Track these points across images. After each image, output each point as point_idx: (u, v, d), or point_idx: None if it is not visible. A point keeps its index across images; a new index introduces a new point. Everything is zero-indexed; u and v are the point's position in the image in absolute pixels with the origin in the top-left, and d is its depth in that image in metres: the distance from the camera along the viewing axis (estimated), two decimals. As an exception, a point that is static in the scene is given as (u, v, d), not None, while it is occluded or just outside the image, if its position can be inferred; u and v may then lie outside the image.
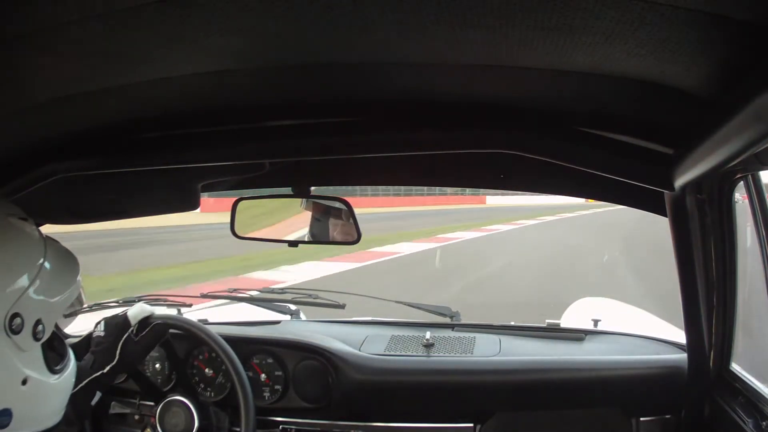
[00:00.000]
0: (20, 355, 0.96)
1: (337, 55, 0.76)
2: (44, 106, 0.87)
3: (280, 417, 1.67)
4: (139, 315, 1.48)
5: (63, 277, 1.06)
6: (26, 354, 0.97)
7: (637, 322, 2.53)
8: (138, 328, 1.47)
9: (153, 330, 1.49)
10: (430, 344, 1.70)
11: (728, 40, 0.60)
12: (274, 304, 2.00)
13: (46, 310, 1.00)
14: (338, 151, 1.12)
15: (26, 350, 0.97)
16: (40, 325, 0.98)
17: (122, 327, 1.45)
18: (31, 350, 0.98)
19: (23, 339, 0.95)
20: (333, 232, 1.60)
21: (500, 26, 0.62)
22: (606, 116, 1.00)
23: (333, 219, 1.59)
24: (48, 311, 1.01)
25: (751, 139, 0.64)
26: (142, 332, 1.47)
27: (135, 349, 1.45)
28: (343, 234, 1.57)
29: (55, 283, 1.03)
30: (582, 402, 1.60)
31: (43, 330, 0.99)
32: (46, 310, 1.00)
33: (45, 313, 0.99)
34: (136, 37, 0.65)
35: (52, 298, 1.02)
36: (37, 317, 0.97)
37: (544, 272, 9.11)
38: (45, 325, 0.99)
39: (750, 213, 1.19)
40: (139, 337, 1.46)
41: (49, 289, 1.01)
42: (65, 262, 1.09)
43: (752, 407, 1.18)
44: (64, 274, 1.07)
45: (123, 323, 1.46)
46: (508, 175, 1.52)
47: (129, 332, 1.45)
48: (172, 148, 1.13)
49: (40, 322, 0.98)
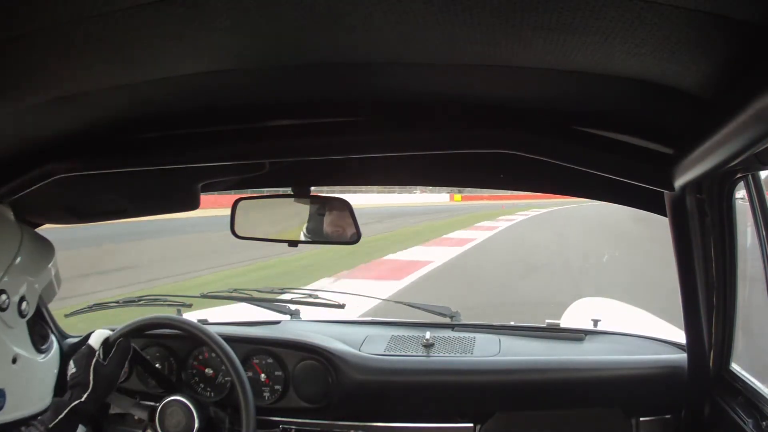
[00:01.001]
0: (8, 333, 0.99)
1: (336, 55, 0.76)
2: (44, 106, 0.87)
3: (280, 417, 1.67)
4: (100, 338, 1.50)
5: (41, 255, 1.13)
6: (14, 331, 1.01)
7: (637, 322, 2.53)
8: (103, 351, 1.48)
9: (117, 348, 1.50)
10: (430, 344, 1.70)
11: (728, 40, 0.60)
12: (274, 304, 2.00)
13: (29, 287, 1.05)
14: (338, 151, 1.12)
15: (13, 327, 1.00)
16: (24, 302, 1.02)
17: (88, 355, 1.47)
18: (17, 327, 1.02)
19: (10, 316, 0.99)
20: (333, 232, 1.60)
21: (500, 26, 0.62)
22: (606, 116, 1.00)
23: (333, 219, 1.59)
24: (31, 288, 1.06)
25: (751, 139, 0.64)
26: (109, 354, 1.48)
27: (106, 371, 1.46)
28: (344, 233, 1.57)
29: (33, 262, 1.09)
30: (582, 402, 1.60)
31: (27, 306, 1.03)
32: (29, 286, 1.05)
33: (28, 289, 1.05)
34: (136, 37, 0.65)
35: (33, 276, 1.08)
36: (21, 294, 1.02)
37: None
38: (29, 302, 1.03)
39: (750, 213, 1.19)
40: (107, 360, 1.47)
41: (30, 266, 1.07)
42: (41, 243, 1.15)
43: (752, 407, 1.18)
44: (41, 255, 1.13)
45: (88, 351, 1.48)
46: (508, 175, 1.52)
47: (96, 357, 1.46)
48: (172, 148, 1.13)
49: (24, 299, 1.02)
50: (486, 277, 8.41)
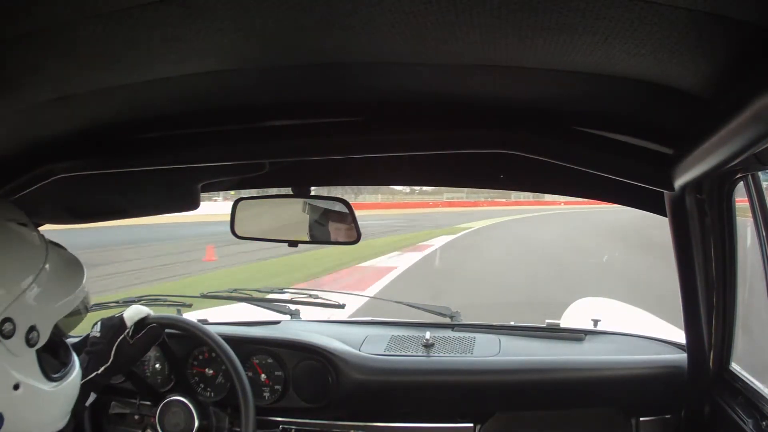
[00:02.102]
0: (11, 360, 0.95)
1: (336, 55, 0.76)
2: (44, 106, 0.87)
3: (279, 417, 1.67)
4: (135, 316, 1.48)
5: (64, 284, 1.05)
6: (18, 359, 0.96)
7: (636, 322, 2.53)
8: (134, 329, 1.47)
9: (148, 332, 1.49)
10: (430, 344, 1.70)
11: (728, 40, 0.60)
12: (274, 304, 2.00)
13: (42, 316, 0.99)
14: (338, 151, 1.12)
15: (18, 355, 0.96)
16: (34, 331, 0.97)
17: (118, 328, 1.46)
18: (23, 355, 0.97)
19: (15, 344, 0.95)
20: (333, 232, 1.60)
21: (500, 26, 0.62)
22: (606, 116, 1.00)
23: (333, 219, 1.60)
24: (45, 317, 1.00)
25: (751, 140, 0.64)
26: (138, 334, 1.47)
27: (130, 351, 1.45)
28: (344, 234, 1.57)
29: (55, 289, 1.02)
30: (582, 402, 1.60)
31: (37, 336, 0.98)
32: (42, 315, 0.99)
33: (41, 318, 0.98)
34: (136, 37, 0.65)
35: (51, 304, 1.01)
36: (31, 323, 0.96)
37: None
38: (40, 331, 0.98)
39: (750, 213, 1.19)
40: (134, 339, 1.46)
41: (48, 295, 1.00)
42: (68, 268, 1.08)
43: (752, 407, 1.18)
44: (66, 281, 1.06)
45: (119, 325, 1.46)
46: (508, 175, 1.52)
47: (125, 334, 1.45)
48: (172, 148, 1.13)
49: (34, 328, 0.97)
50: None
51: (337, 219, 1.59)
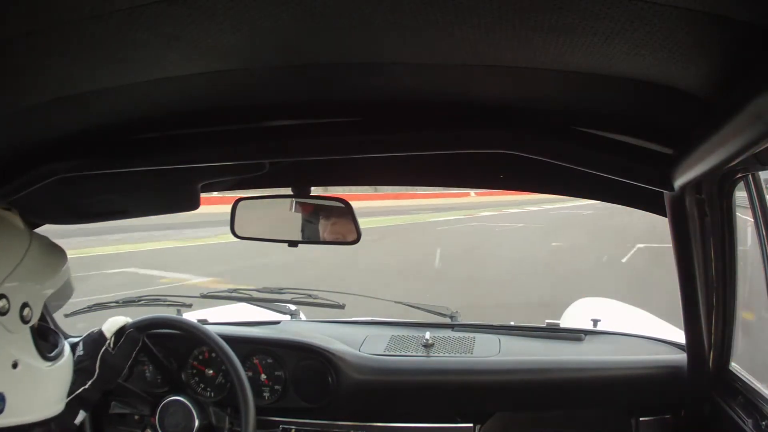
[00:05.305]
0: (8, 337, 0.99)
1: (336, 55, 0.76)
2: (44, 106, 0.87)
3: (279, 417, 1.67)
4: (113, 327, 1.52)
5: (50, 262, 1.12)
6: (15, 336, 1.00)
7: (636, 322, 2.53)
8: (114, 340, 1.50)
9: (127, 338, 1.51)
10: (430, 344, 1.70)
11: (728, 40, 0.60)
12: (273, 304, 2.00)
13: (33, 293, 1.04)
14: (338, 151, 1.12)
15: (14, 332, 1.00)
16: (27, 308, 1.02)
17: (99, 342, 1.49)
18: (19, 332, 1.01)
19: (10, 320, 0.99)
20: (333, 232, 1.60)
21: (500, 26, 0.62)
22: (606, 116, 1.00)
23: (333, 219, 1.59)
24: (35, 294, 1.05)
25: (751, 139, 0.64)
26: (119, 343, 1.50)
27: (114, 361, 1.48)
28: (344, 233, 1.57)
29: (42, 268, 1.08)
30: (581, 402, 1.60)
31: (30, 313, 1.03)
32: (33, 293, 1.04)
33: (32, 296, 1.04)
34: (136, 37, 0.65)
35: (40, 281, 1.07)
36: (23, 300, 1.01)
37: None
38: (32, 308, 1.02)
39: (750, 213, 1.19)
40: (116, 349, 1.49)
41: (36, 273, 1.06)
42: (52, 249, 1.15)
43: (752, 407, 1.18)
44: (51, 260, 1.13)
45: (99, 338, 1.49)
46: (508, 175, 1.52)
47: (106, 345, 1.48)
48: (172, 148, 1.13)
49: (27, 305, 1.02)
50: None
51: (337, 218, 1.58)
